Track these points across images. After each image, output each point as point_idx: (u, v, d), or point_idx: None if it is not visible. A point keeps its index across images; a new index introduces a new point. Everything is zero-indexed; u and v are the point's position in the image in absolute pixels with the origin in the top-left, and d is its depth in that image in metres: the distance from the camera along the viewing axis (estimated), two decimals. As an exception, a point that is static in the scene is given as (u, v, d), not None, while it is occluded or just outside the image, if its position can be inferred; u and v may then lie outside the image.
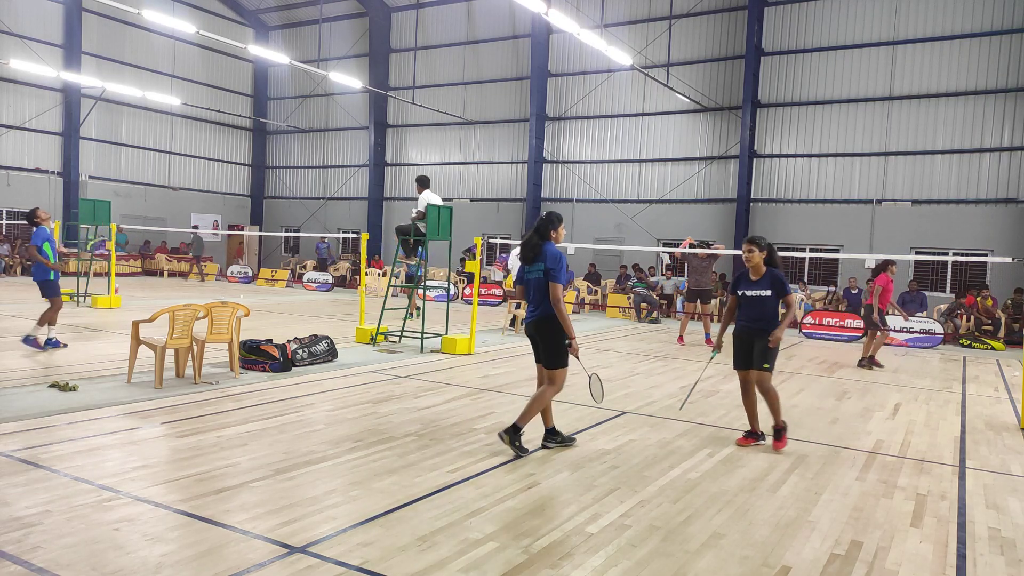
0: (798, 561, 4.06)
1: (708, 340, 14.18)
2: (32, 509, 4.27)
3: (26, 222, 10.12)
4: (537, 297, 5.79)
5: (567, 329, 5.68)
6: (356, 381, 8.77)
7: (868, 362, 11.82)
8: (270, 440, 5.98)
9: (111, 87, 24.56)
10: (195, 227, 26.88)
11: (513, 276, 13.59)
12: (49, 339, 9.94)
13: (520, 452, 5.81)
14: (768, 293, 6.32)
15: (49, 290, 9.99)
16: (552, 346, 5.79)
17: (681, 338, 14.36)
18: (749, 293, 6.41)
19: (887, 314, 12.09)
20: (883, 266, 11.78)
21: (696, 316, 14.69)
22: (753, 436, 6.56)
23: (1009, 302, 17.24)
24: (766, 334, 6.25)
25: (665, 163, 23.73)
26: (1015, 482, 5.79)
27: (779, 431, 6.45)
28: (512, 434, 5.80)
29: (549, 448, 6.06)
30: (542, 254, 5.78)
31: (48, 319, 9.90)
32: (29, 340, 9.84)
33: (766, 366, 6.28)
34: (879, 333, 11.90)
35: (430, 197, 11.75)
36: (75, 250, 16.23)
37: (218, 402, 7.30)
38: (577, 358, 5.83)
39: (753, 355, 6.36)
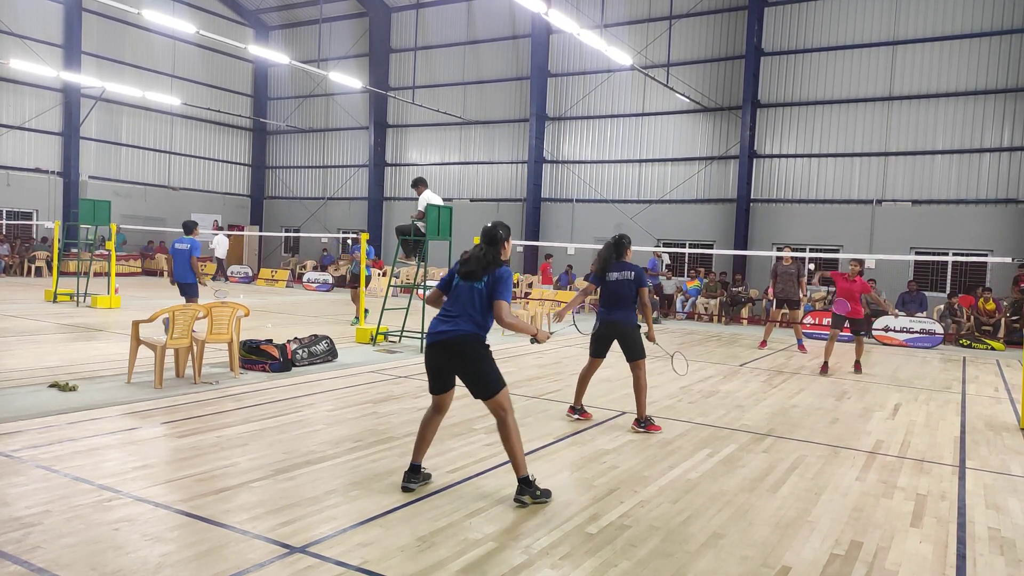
0: (798, 561, 4.06)
1: (801, 347, 13.86)
2: (32, 509, 4.27)
3: (184, 231, 11.60)
4: (466, 309, 4.72)
5: (526, 329, 4.85)
6: (356, 381, 8.77)
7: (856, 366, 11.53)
8: (270, 440, 5.98)
9: (111, 87, 24.55)
10: (217, 257, 26.18)
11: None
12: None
13: (542, 496, 4.75)
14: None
15: (193, 293, 11.02)
16: (484, 370, 4.69)
17: (764, 343, 14.19)
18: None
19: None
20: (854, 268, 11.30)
21: (785, 323, 14.52)
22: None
23: (1006, 303, 17.23)
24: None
25: (665, 163, 23.73)
26: (1015, 482, 5.79)
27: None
28: (526, 488, 4.71)
29: (411, 488, 4.91)
30: (493, 274, 4.79)
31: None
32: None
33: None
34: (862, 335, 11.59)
35: (430, 197, 11.76)
36: (102, 250, 16.46)
37: (218, 402, 7.30)
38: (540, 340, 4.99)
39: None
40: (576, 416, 7.22)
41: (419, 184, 12.14)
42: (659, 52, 22.85)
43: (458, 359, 4.71)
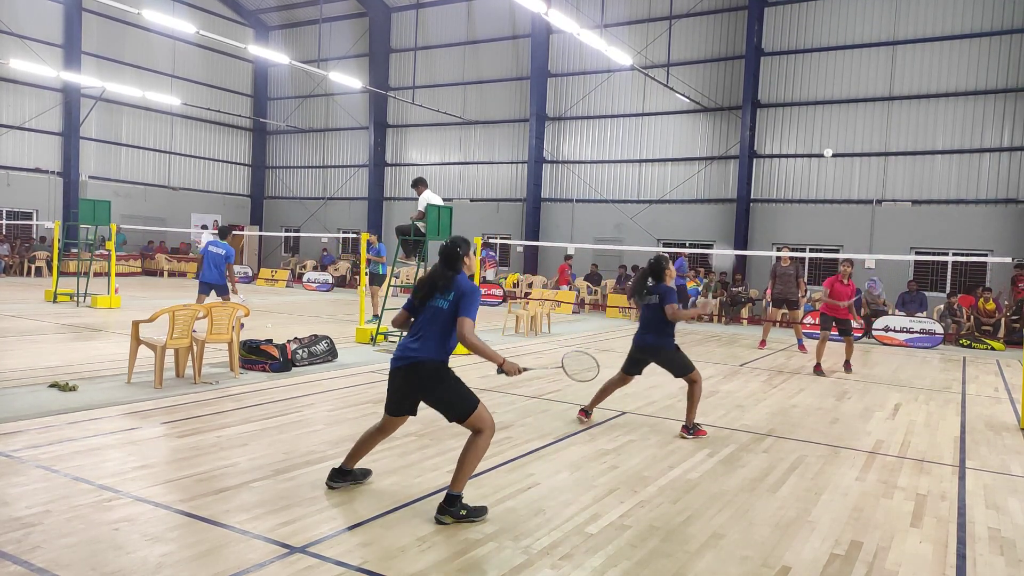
0: (798, 561, 4.06)
1: (801, 347, 13.90)
2: (32, 509, 4.27)
3: (220, 236, 12.05)
4: (430, 331, 4.47)
5: (492, 357, 4.52)
6: (356, 381, 8.77)
7: (845, 366, 11.39)
8: (270, 440, 5.98)
9: (111, 87, 24.55)
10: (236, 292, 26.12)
11: None
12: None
13: (469, 515, 4.39)
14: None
15: (226, 292, 11.54)
16: (448, 393, 4.48)
17: (763, 342, 14.25)
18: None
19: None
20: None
21: (785, 324, 14.44)
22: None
23: (1006, 301, 17.23)
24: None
25: (665, 163, 23.73)
26: (1015, 482, 5.79)
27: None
28: (448, 507, 4.37)
29: (335, 487, 4.83)
30: (454, 284, 4.50)
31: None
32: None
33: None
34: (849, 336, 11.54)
35: (430, 197, 11.75)
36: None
37: (218, 402, 7.30)
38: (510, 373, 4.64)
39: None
40: (585, 419, 7.25)
41: (419, 184, 12.14)
42: (659, 52, 22.85)
43: (419, 387, 4.48)
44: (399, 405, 4.62)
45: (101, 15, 26.78)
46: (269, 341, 9.35)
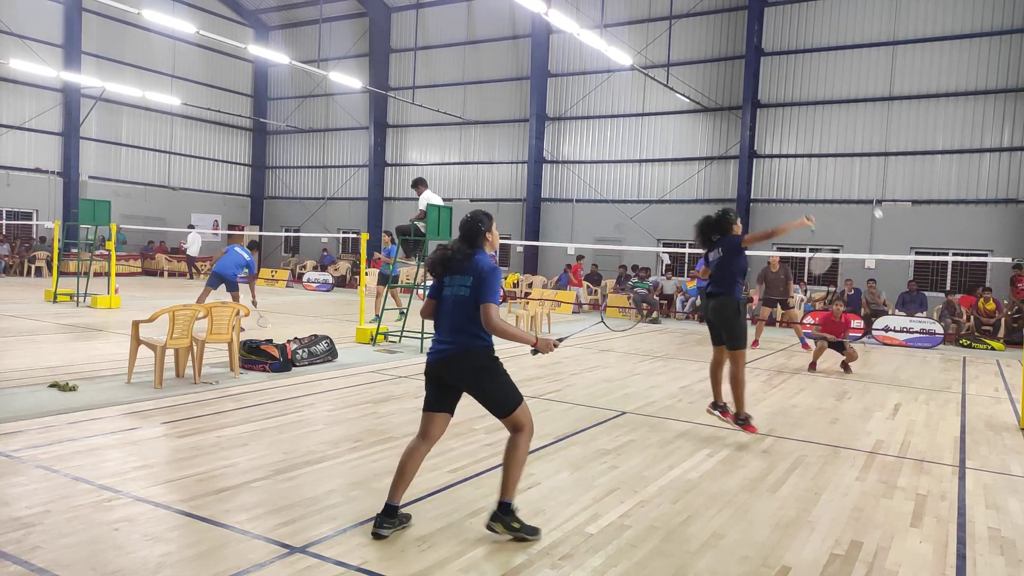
0: (798, 561, 4.06)
1: (804, 345, 13.66)
2: (32, 509, 4.27)
3: (249, 247, 12.87)
4: (457, 322, 4.15)
5: (524, 339, 4.17)
6: (356, 381, 8.77)
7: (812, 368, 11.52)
8: (270, 440, 5.98)
9: (111, 87, 24.56)
10: (189, 255, 26.19)
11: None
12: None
13: (522, 531, 4.16)
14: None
15: (236, 288, 12.24)
16: (493, 388, 4.19)
17: (755, 342, 14.32)
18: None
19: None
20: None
21: (784, 324, 14.41)
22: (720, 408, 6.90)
23: (1007, 302, 17.22)
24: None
25: (665, 163, 23.73)
26: (1015, 482, 5.79)
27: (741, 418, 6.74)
28: (502, 516, 4.17)
29: (384, 535, 4.13)
30: (473, 264, 4.20)
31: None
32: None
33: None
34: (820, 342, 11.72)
35: (431, 197, 11.75)
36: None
37: (218, 402, 7.30)
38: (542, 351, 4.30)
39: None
40: (717, 414, 6.95)
41: (419, 184, 12.12)
42: (659, 52, 22.85)
43: (463, 378, 4.17)
44: (439, 398, 4.25)
45: (101, 15, 26.79)
46: (269, 341, 9.35)
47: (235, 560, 3.74)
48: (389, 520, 4.14)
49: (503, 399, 4.18)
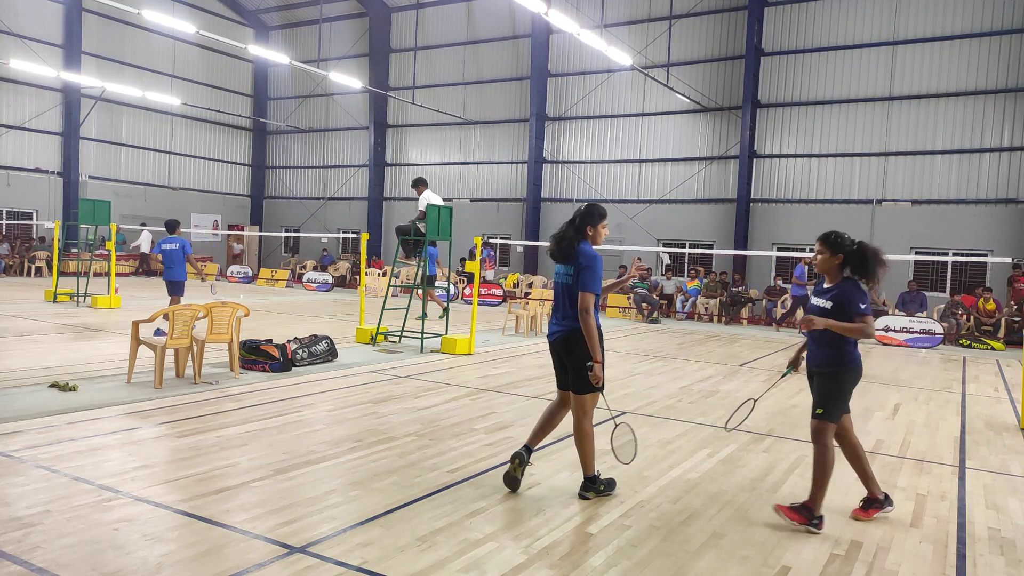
0: (798, 561, 4.06)
1: None
2: (32, 509, 4.27)
3: (168, 231, 11.89)
4: (564, 306, 4.84)
5: (592, 349, 4.65)
6: (356, 381, 8.77)
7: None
8: (270, 440, 5.98)
9: (111, 87, 24.55)
10: (142, 252, 26.31)
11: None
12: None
13: (607, 489, 4.97)
14: (830, 306, 4.59)
15: (180, 291, 11.30)
16: (581, 367, 4.76)
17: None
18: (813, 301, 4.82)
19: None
20: None
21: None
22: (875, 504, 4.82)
23: (1012, 303, 17.21)
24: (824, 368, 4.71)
25: (665, 163, 23.73)
26: (1015, 482, 5.79)
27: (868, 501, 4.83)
28: (591, 485, 4.91)
29: (587, 499, 4.87)
30: (576, 254, 4.80)
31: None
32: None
33: (819, 411, 4.72)
34: None
35: (431, 197, 11.76)
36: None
37: (218, 402, 7.30)
38: (598, 388, 4.74)
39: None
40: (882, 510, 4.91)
41: (419, 184, 12.12)
42: (659, 52, 22.85)
43: (568, 354, 4.83)
44: (562, 376, 4.96)
45: (101, 15, 26.78)
46: (269, 341, 9.35)
47: (235, 560, 3.74)
48: (527, 455, 4.97)
49: (586, 380, 4.76)
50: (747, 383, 9.93)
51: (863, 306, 4.51)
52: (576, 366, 4.79)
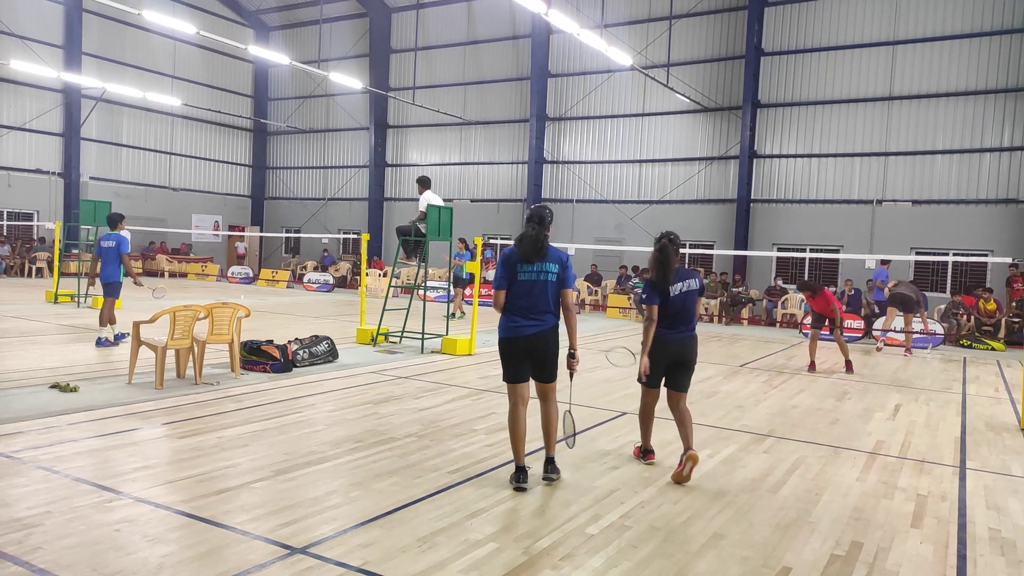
0: (798, 562, 4.06)
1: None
2: (33, 510, 4.27)
3: (109, 226, 11.01)
4: (547, 303, 4.99)
5: (574, 338, 5.05)
6: (357, 382, 8.78)
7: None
8: (271, 441, 5.98)
9: (111, 88, 24.57)
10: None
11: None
12: (119, 334, 10.63)
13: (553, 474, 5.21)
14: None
15: (115, 292, 10.79)
16: (555, 358, 5.10)
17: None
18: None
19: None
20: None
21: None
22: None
23: (1014, 304, 17.21)
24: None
25: (665, 163, 23.73)
26: (1015, 483, 5.79)
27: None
28: (551, 467, 5.21)
29: (552, 480, 5.22)
30: (555, 252, 5.02)
31: (109, 318, 10.51)
32: (102, 342, 10.35)
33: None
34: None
35: (431, 198, 11.75)
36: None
37: (219, 403, 7.30)
38: (571, 374, 5.17)
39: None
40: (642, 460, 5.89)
41: (421, 183, 12.12)
42: (659, 52, 22.86)
43: (543, 351, 4.99)
44: (524, 370, 5.06)
45: (101, 16, 26.80)
46: (270, 342, 9.36)
47: (236, 561, 3.75)
48: (523, 475, 5.05)
49: (556, 365, 5.07)
50: (747, 383, 9.93)
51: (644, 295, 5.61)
52: (550, 359, 5.04)
